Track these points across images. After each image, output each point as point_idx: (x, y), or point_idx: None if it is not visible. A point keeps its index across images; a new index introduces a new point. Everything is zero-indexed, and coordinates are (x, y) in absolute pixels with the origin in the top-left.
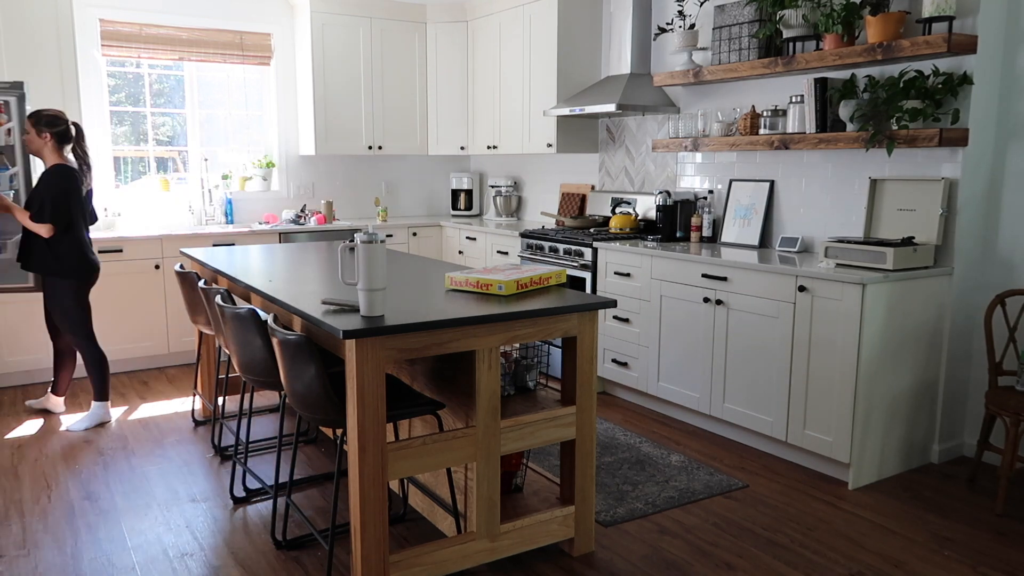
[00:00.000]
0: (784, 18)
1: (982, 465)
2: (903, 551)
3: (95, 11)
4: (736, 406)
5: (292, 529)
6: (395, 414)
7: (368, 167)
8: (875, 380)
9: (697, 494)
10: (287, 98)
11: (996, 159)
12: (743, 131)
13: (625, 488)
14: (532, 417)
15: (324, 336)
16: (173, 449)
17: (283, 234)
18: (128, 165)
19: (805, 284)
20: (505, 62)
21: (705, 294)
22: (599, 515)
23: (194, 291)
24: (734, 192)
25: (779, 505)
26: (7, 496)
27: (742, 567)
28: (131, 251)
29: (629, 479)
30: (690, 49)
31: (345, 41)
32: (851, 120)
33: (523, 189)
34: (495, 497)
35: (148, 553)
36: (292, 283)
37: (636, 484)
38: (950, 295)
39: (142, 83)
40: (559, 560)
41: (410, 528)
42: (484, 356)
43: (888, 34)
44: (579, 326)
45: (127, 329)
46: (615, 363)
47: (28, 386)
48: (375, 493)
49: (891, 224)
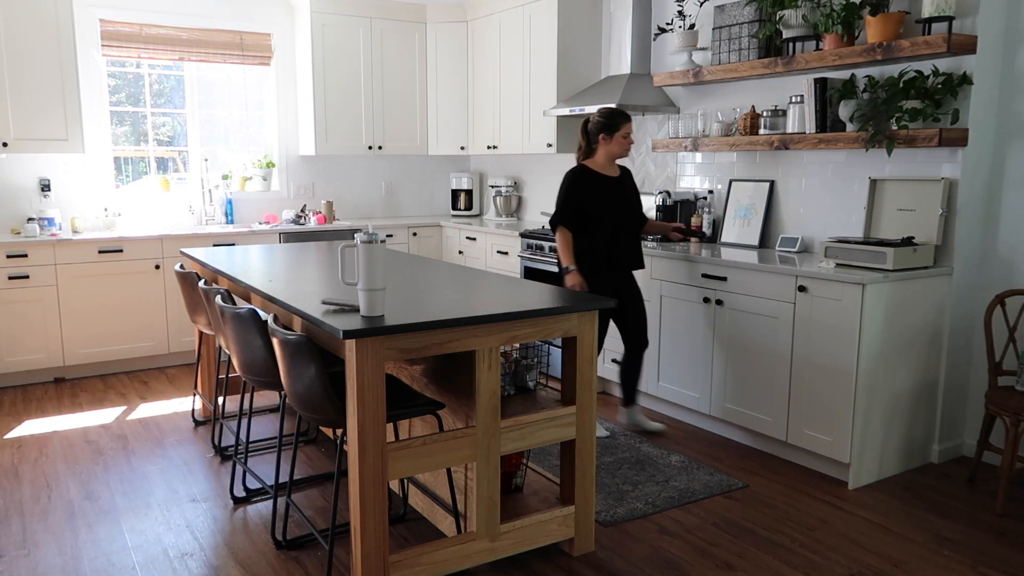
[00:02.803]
0: (784, 18)
1: (982, 465)
2: (903, 551)
3: (95, 11)
4: (736, 406)
5: (292, 529)
6: (395, 414)
7: (368, 167)
8: (875, 380)
9: (697, 494)
10: (287, 98)
11: (996, 159)
12: (743, 131)
13: (625, 488)
14: (532, 417)
15: (324, 336)
16: (173, 449)
17: (283, 234)
18: (128, 165)
19: (805, 284)
20: (505, 62)
21: (705, 294)
22: (599, 515)
23: (194, 291)
24: (734, 192)
25: (779, 505)
26: (7, 496)
27: (742, 567)
28: (131, 251)
29: (629, 479)
30: (690, 49)
31: (345, 41)
32: (851, 120)
33: (523, 189)
34: (495, 497)
35: (148, 553)
36: (292, 283)
37: (636, 484)
38: (950, 295)
39: (142, 83)
40: (559, 560)
41: (410, 528)
42: (484, 356)
43: (888, 34)
44: (579, 326)
45: (127, 329)
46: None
47: (28, 386)
48: (375, 493)
49: (891, 224)
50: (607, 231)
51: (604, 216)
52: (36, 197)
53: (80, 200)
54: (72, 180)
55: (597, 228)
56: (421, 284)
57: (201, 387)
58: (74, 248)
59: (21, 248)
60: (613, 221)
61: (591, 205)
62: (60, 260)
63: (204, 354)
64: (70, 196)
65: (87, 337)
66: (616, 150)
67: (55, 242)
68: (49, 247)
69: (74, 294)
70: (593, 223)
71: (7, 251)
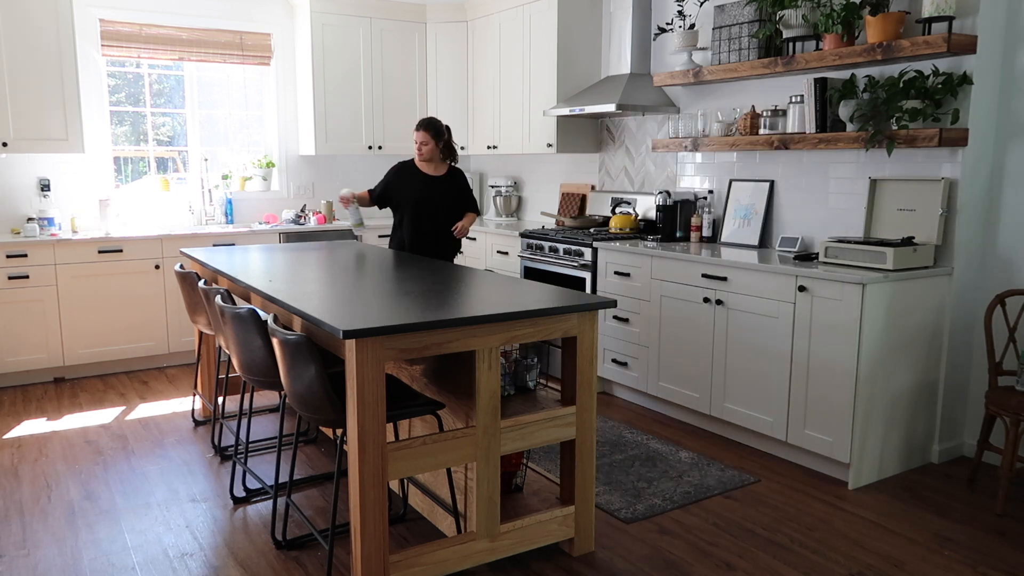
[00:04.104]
0: (784, 18)
1: (982, 465)
2: (903, 551)
3: (95, 11)
4: (736, 406)
5: (292, 529)
6: (395, 414)
7: (368, 167)
8: (875, 380)
9: (712, 489)
10: (287, 98)
11: (996, 159)
12: (743, 131)
13: (641, 485)
14: (532, 417)
15: (324, 336)
16: (173, 449)
17: (283, 234)
18: (128, 165)
19: (805, 284)
20: (505, 62)
21: (705, 294)
22: (618, 512)
23: (194, 291)
24: (734, 192)
25: (779, 505)
26: (7, 496)
27: (742, 567)
28: (131, 251)
29: (643, 476)
30: (690, 49)
31: (345, 41)
32: (851, 120)
33: (523, 189)
34: (495, 497)
35: (148, 553)
36: (292, 283)
37: (651, 481)
38: (950, 295)
39: (142, 83)
40: (559, 560)
41: (410, 528)
42: (484, 356)
43: (888, 34)
44: (579, 326)
45: (127, 329)
46: (615, 363)
47: (28, 386)
48: (375, 493)
49: (891, 224)
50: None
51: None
52: (36, 197)
53: (80, 200)
54: (72, 180)
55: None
56: (421, 284)
57: (201, 387)
58: (74, 248)
59: (21, 248)
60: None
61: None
62: (60, 260)
63: (204, 354)
64: (70, 196)
65: (87, 337)
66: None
67: (55, 242)
68: (49, 247)
69: (74, 294)
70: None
71: (7, 251)
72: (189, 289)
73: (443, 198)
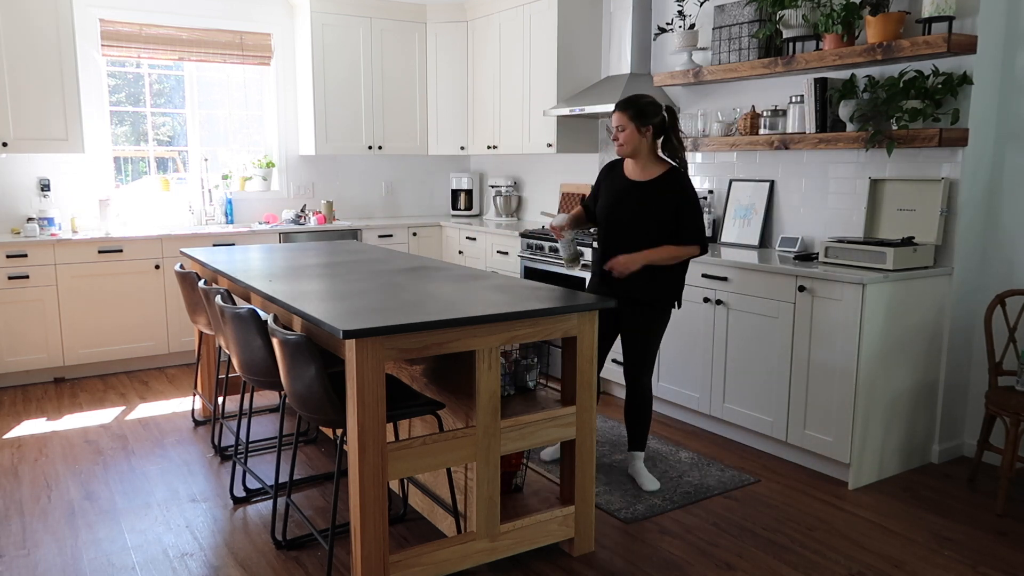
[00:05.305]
0: (784, 18)
1: (982, 465)
2: (903, 551)
3: (95, 11)
4: (736, 406)
5: (292, 529)
6: (395, 414)
7: (368, 167)
8: (875, 380)
9: (712, 490)
10: (287, 98)
11: (996, 159)
12: (743, 131)
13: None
14: (532, 417)
15: (324, 336)
16: (173, 449)
17: (283, 234)
18: (128, 165)
19: (805, 284)
20: (505, 62)
21: (705, 294)
22: (618, 512)
23: (194, 291)
24: (734, 192)
25: (779, 505)
26: (7, 496)
27: (742, 567)
28: (131, 251)
29: None
30: (690, 49)
31: (345, 41)
32: (851, 120)
33: (523, 189)
34: (495, 497)
35: (148, 553)
36: (292, 283)
37: None
38: (950, 295)
39: (142, 83)
40: (559, 560)
41: (410, 528)
42: (484, 356)
43: (888, 34)
44: (579, 326)
45: (127, 329)
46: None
47: (28, 386)
48: (375, 493)
49: (891, 224)
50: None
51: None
52: (36, 197)
53: (80, 200)
54: (72, 180)
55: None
56: (421, 284)
57: (201, 387)
58: (74, 248)
59: (21, 248)
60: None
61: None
62: (60, 260)
63: (204, 354)
64: (70, 196)
65: (87, 337)
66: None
67: (55, 242)
68: (49, 247)
69: (74, 294)
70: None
71: (7, 251)
72: (189, 289)
73: (641, 214)
